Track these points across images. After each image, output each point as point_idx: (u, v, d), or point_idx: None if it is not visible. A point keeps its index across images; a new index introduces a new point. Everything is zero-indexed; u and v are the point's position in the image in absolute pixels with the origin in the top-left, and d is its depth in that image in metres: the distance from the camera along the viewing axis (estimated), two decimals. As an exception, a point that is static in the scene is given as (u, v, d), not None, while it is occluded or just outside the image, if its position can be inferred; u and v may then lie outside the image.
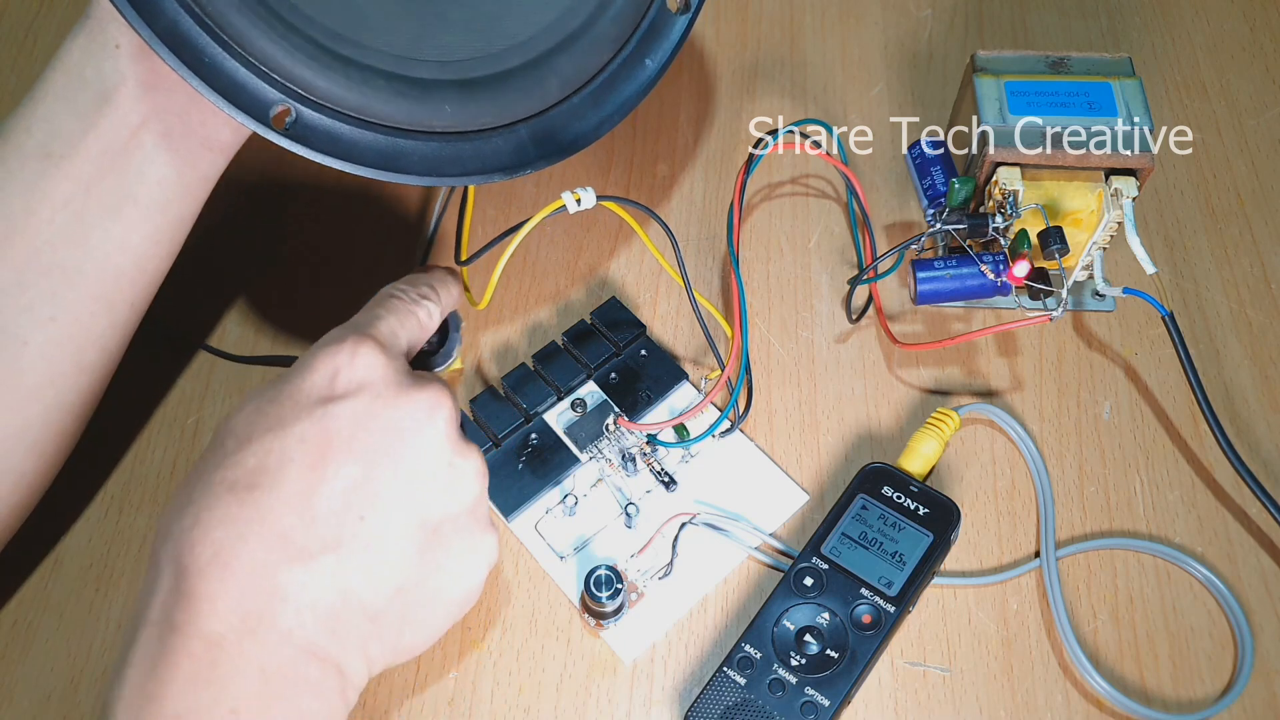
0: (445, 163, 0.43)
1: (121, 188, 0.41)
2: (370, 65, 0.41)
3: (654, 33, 0.47)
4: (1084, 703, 0.44)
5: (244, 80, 0.39)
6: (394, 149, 0.42)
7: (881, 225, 0.58)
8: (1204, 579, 0.47)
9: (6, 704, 0.44)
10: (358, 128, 0.41)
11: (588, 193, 0.45)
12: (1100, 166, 0.50)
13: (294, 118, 0.40)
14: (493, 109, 0.44)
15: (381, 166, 0.42)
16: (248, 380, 0.52)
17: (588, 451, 0.49)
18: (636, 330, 0.52)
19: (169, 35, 0.37)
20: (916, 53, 0.65)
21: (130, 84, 0.40)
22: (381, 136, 0.42)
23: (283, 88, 0.40)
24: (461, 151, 0.44)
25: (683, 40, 0.47)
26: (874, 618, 0.44)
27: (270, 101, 0.39)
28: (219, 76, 0.38)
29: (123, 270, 0.42)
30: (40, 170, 0.40)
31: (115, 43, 0.39)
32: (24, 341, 0.41)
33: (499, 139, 0.44)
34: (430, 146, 0.43)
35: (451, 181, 0.44)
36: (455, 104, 0.42)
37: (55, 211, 0.40)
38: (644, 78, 0.47)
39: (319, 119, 0.41)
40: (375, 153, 0.42)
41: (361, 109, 0.41)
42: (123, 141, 0.40)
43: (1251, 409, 0.51)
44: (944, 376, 0.53)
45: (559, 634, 0.46)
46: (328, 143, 0.41)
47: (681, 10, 0.47)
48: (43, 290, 0.41)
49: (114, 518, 0.49)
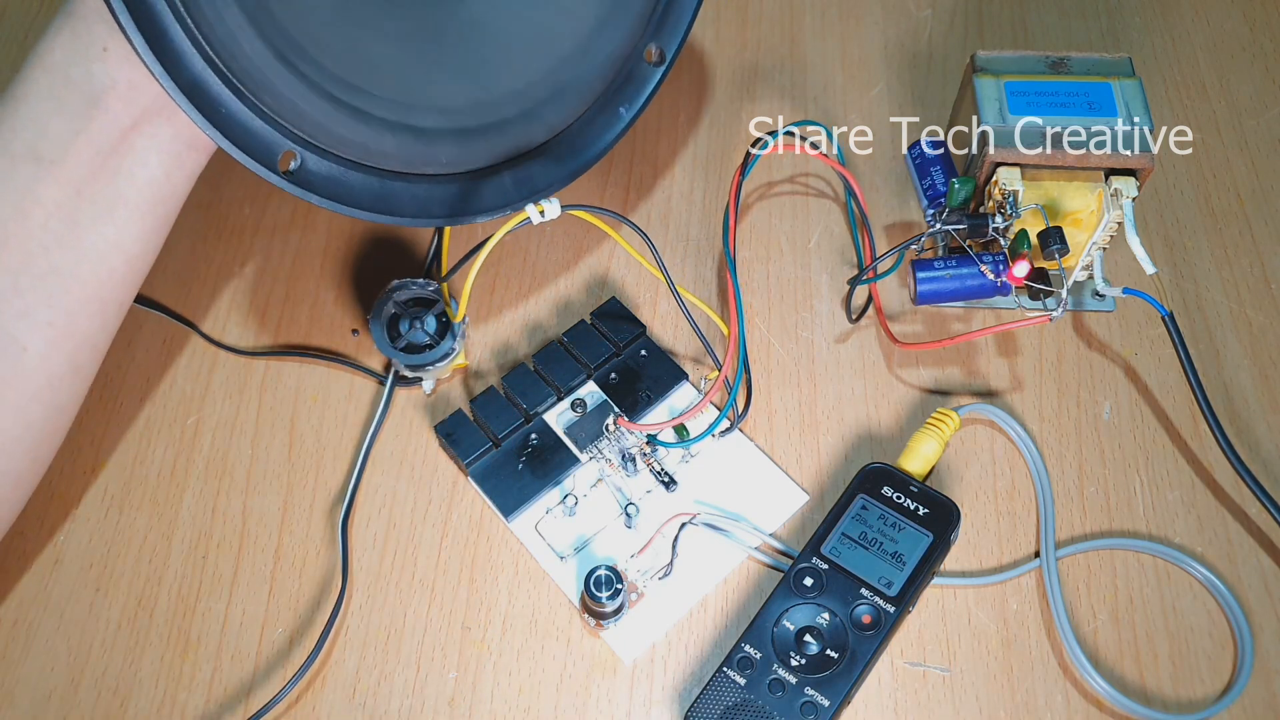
0: (432, 203, 0.46)
1: (112, 190, 0.41)
2: (379, 116, 0.42)
3: (630, 82, 0.50)
4: (1084, 703, 0.44)
5: (256, 129, 0.40)
6: (385, 191, 0.44)
7: (881, 225, 0.58)
8: (1204, 579, 0.47)
9: (6, 704, 0.44)
10: (355, 170, 0.43)
11: (552, 204, 0.46)
12: (1100, 166, 0.50)
13: (299, 163, 0.41)
14: (483, 154, 0.45)
15: (373, 209, 0.44)
16: (249, 380, 0.52)
17: (588, 451, 0.49)
18: (636, 330, 0.52)
19: (191, 89, 0.38)
20: (916, 53, 0.65)
21: (120, 88, 0.40)
22: (374, 179, 0.44)
23: (291, 135, 0.41)
24: (447, 192, 0.46)
25: (655, 90, 0.49)
26: (874, 618, 0.44)
27: (279, 148, 0.41)
28: (233, 126, 0.40)
29: (115, 271, 0.42)
30: (31, 174, 0.40)
31: (103, 45, 0.39)
32: (23, 347, 0.41)
33: (482, 180, 0.46)
34: (419, 188, 0.45)
35: (439, 223, 0.46)
36: (452, 153, 0.45)
37: (48, 216, 0.40)
38: (618, 126, 0.50)
39: (320, 164, 0.42)
40: (369, 195, 0.44)
41: (364, 154, 0.42)
42: (113, 144, 0.40)
43: (1251, 409, 0.51)
44: (944, 376, 0.53)
45: (559, 634, 0.46)
46: (327, 185, 0.43)
47: (657, 62, 0.49)
48: (39, 295, 0.41)
49: (114, 518, 0.49)
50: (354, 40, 0.41)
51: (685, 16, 0.49)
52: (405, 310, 0.49)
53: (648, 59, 0.49)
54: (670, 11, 0.49)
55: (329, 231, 0.57)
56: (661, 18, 0.49)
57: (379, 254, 0.57)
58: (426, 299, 0.49)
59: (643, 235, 0.49)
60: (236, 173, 0.44)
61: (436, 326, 0.49)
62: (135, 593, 0.47)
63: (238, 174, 0.46)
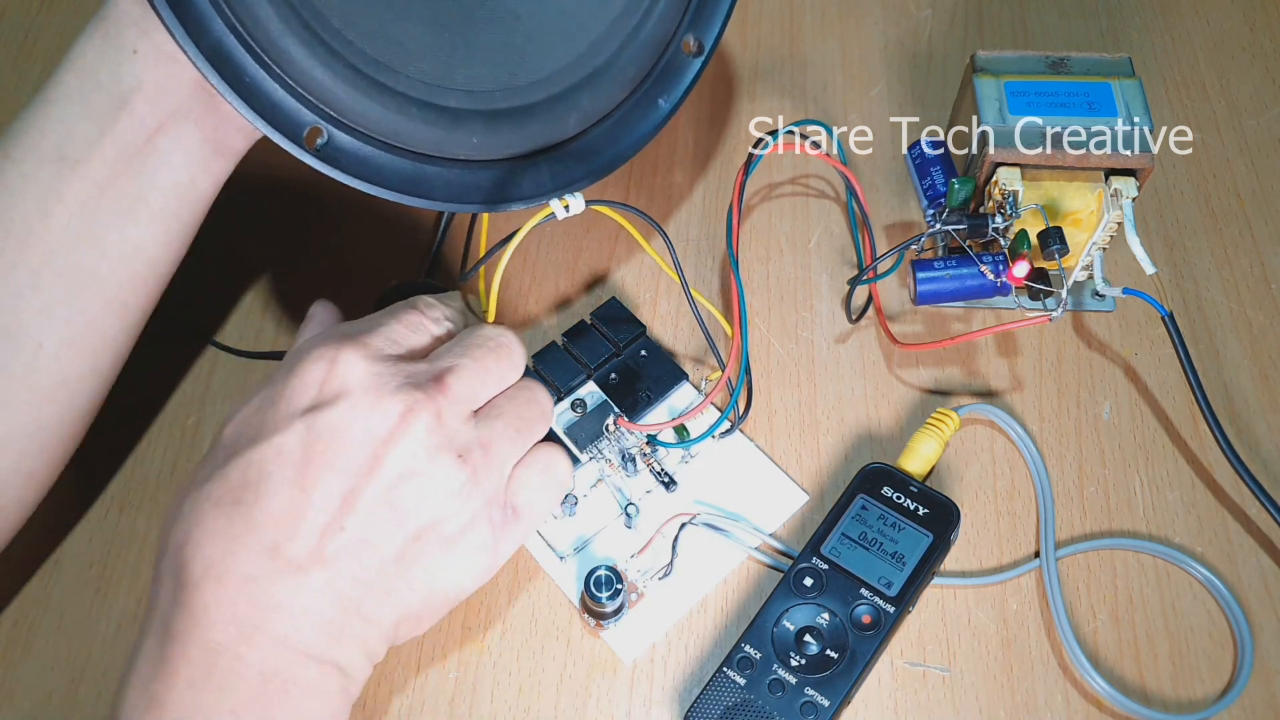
0: (466, 189, 0.45)
1: (135, 191, 0.41)
2: (403, 92, 0.42)
3: (669, 73, 0.49)
4: (1084, 703, 0.44)
5: (280, 100, 0.40)
6: (418, 174, 0.44)
7: (881, 225, 0.58)
8: (1204, 579, 0.47)
9: (6, 704, 0.44)
10: (385, 151, 0.42)
11: (576, 199, 0.46)
12: (1100, 167, 0.50)
13: (325, 139, 0.41)
14: (515, 140, 0.45)
15: (405, 190, 0.43)
16: (249, 380, 0.52)
17: (588, 452, 0.49)
18: (636, 330, 0.52)
19: (213, 53, 0.38)
20: (916, 53, 0.65)
21: (147, 89, 0.40)
22: (406, 162, 0.43)
23: (317, 109, 0.41)
24: (481, 179, 0.45)
25: (695, 81, 0.49)
26: (874, 618, 0.44)
27: (304, 123, 0.41)
28: (257, 96, 0.39)
29: (136, 272, 0.43)
30: (55, 173, 0.40)
31: (133, 48, 0.40)
32: (40, 343, 0.41)
33: (518, 169, 0.45)
34: (453, 173, 0.44)
35: (471, 208, 0.45)
36: (481, 134, 0.44)
37: (70, 215, 0.41)
38: (657, 117, 0.49)
39: (349, 141, 0.42)
40: (400, 177, 0.43)
41: (392, 134, 0.42)
42: (138, 146, 0.41)
43: (1251, 409, 0.51)
44: (944, 376, 0.53)
45: (559, 634, 0.46)
46: (356, 165, 0.42)
47: (696, 53, 0.48)
48: (58, 293, 0.41)
49: (114, 518, 0.49)
50: (379, 16, 0.41)
51: (722, 7, 0.49)
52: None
53: (685, 50, 0.49)
54: (706, 2, 0.49)
55: (329, 232, 0.57)
56: (698, 8, 0.49)
57: (380, 254, 0.57)
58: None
59: (661, 233, 0.49)
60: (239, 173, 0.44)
61: None
62: (135, 593, 0.47)
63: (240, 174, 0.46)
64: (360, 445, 0.36)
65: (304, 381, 0.37)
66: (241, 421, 0.37)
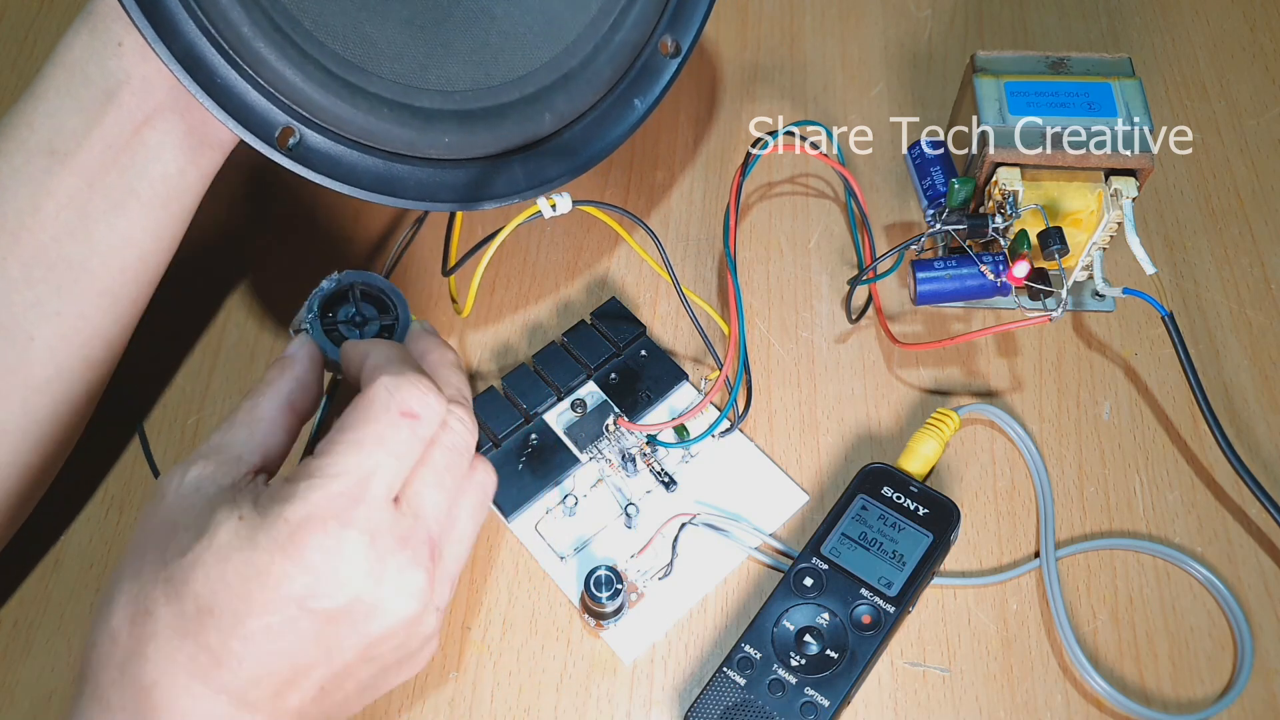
0: (439, 188, 0.45)
1: (125, 184, 0.41)
2: (375, 93, 0.42)
3: (646, 74, 0.49)
4: (1084, 703, 0.44)
5: (253, 102, 0.40)
6: (389, 173, 0.44)
7: (881, 225, 0.58)
8: (1204, 579, 0.47)
9: (6, 704, 0.44)
10: (357, 151, 0.43)
11: (563, 198, 0.46)
12: (1100, 167, 0.50)
13: (297, 139, 0.41)
14: (489, 140, 0.45)
15: (377, 190, 0.43)
16: (249, 380, 0.52)
17: (588, 452, 0.49)
18: (636, 330, 0.52)
19: (185, 56, 0.38)
20: (916, 53, 0.65)
21: (134, 82, 0.40)
22: (379, 161, 0.43)
23: (289, 110, 0.41)
24: (455, 178, 0.45)
25: (672, 82, 0.49)
26: (874, 618, 0.44)
27: (276, 123, 0.41)
28: (230, 97, 0.40)
29: (126, 265, 0.43)
30: (45, 167, 0.40)
31: (118, 40, 0.40)
32: (31, 336, 0.41)
33: (492, 168, 0.46)
34: (425, 172, 0.45)
35: (444, 207, 0.45)
36: (454, 134, 0.44)
37: (60, 207, 0.41)
38: (633, 117, 0.49)
39: (321, 141, 0.42)
40: (372, 176, 0.43)
41: (364, 134, 0.42)
42: (126, 138, 0.41)
43: (1251, 409, 0.51)
44: (944, 377, 0.53)
45: (559, 634, 0.46)
46: (327, 165, 0.42)
47: (673, 54, 0.49)
48: (49, 285, 0.41)
49: (114, 518, 0.49)
50: (354, 16, 0.41)
51: (700, 8, 0.49)
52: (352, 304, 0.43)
53: (663, 51, 0.49)
54: (685, 3, 0.49)
55: (329, 232, 0.57)
56: (676, 9, 0.49)
57: (380, 255, 0.57)
58: (373, 295, 0.43)
59: (650, 233, 0.49)
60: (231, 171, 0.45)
61: (379, 330, 0.43)
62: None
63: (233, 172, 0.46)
64: (353, 641, 0.33)
65: (300, 567, 0.32)
66: (215, 574, 0.32)
